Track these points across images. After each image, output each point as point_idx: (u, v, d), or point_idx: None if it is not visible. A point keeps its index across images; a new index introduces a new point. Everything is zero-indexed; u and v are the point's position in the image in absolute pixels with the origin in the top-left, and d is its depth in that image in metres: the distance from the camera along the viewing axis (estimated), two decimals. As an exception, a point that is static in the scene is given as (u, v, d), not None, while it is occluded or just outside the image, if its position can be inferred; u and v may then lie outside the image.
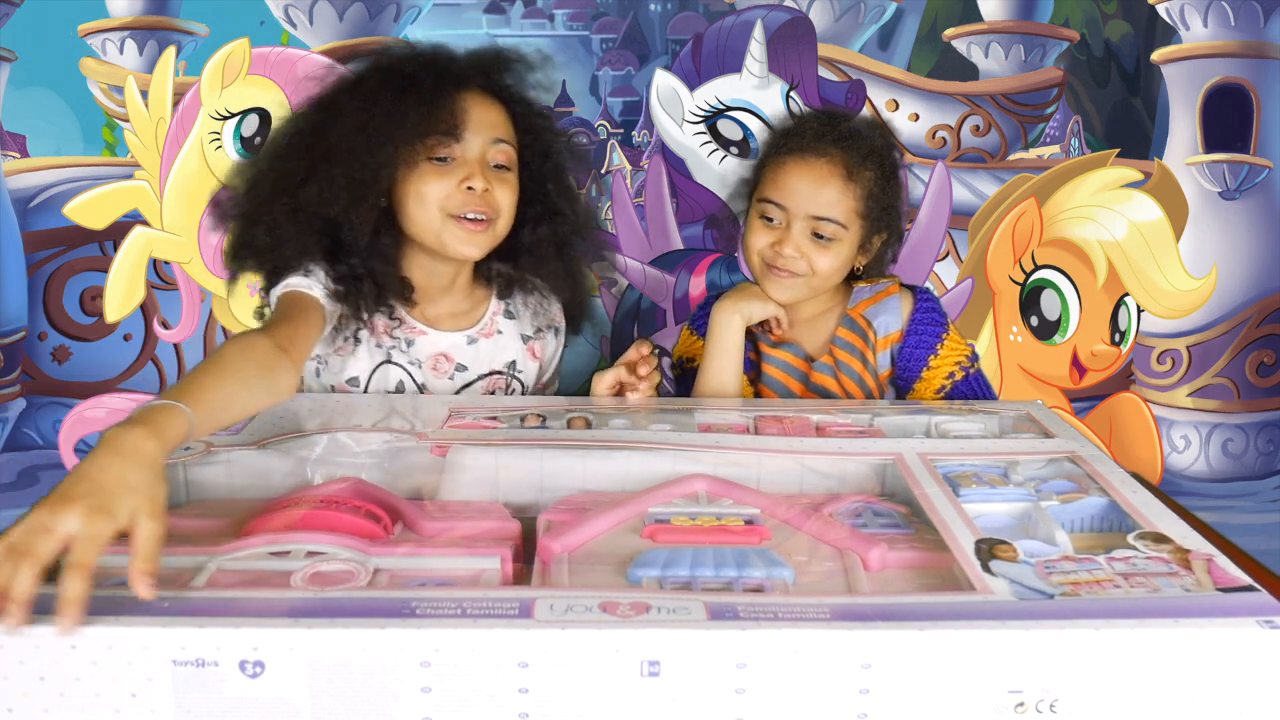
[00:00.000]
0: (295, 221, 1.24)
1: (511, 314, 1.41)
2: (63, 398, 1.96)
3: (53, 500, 0.72)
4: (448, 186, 1.25)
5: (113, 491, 0.74)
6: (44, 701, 0.67)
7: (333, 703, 0.67)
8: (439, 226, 1.26)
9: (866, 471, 1.00)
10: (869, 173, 1.35)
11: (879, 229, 1.40)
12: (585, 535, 0.85)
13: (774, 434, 1.07)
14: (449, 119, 1.24)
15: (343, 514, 0.86)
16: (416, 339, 1.34)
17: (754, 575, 0.78)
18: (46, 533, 0.70)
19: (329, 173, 1.23)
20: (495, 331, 1.40)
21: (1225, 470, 2.09)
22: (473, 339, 1.37)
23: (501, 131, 1.29)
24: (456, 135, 1.25)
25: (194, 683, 0.67)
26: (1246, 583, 0.74)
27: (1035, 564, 0.76)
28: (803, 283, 1.37)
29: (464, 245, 1.27)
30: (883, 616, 0.68)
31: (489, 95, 1.30)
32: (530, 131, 1.33)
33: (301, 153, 1.26)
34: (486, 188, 1.26)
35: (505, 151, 1.29)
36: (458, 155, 1.26)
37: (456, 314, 1.38)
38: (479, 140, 1.27)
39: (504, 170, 1.29)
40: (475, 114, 1.26)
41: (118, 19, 1.86)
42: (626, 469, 0.99)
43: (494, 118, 1.29)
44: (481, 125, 1.27)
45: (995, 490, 0.91)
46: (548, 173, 1.35)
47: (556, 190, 1.36)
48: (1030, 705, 0.67)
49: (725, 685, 0.67)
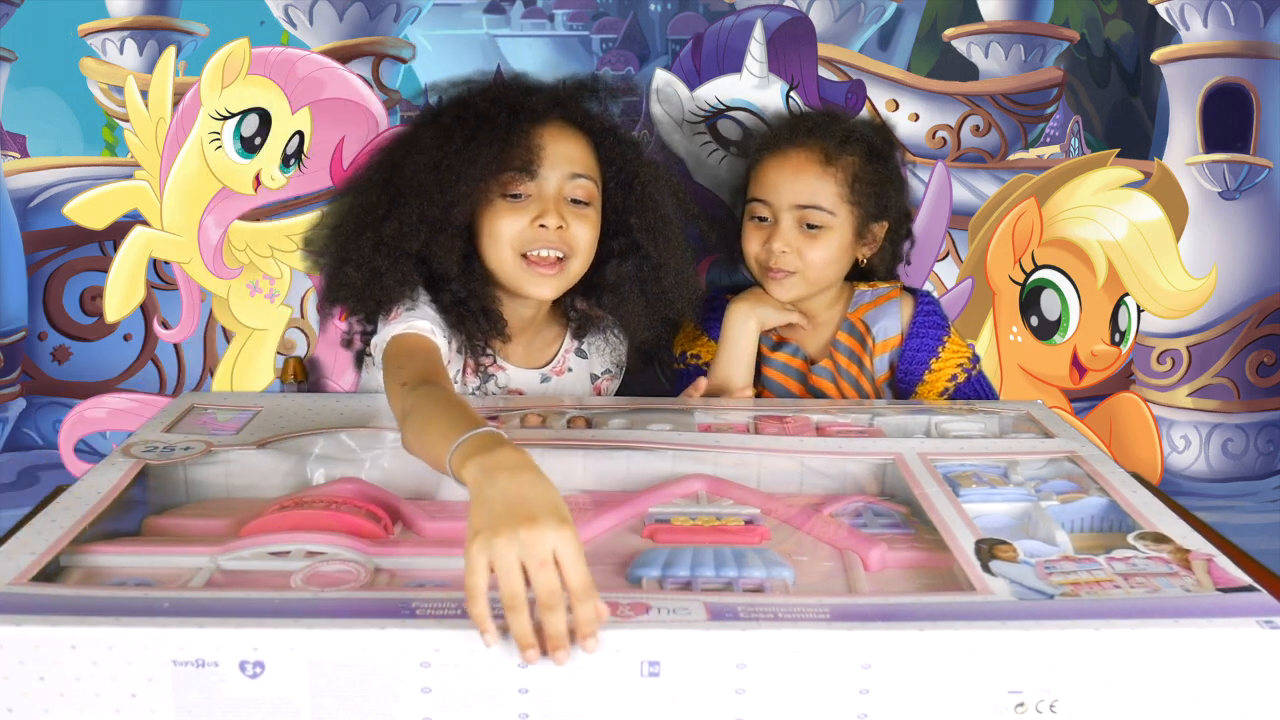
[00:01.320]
0: (384, 256, 1.22)
1: (583, 354, 1.39)
2: (63, 398, 1.96)
3: (502, 532, 0.67)
4: (521, 224, 1.22)
5: (544, 500, 0.70)
6: (44, 701, 0.67)
7: (333, 703, 0.67)
8: (512, 265, 1.23)
9: (866, 471, 1.00)
10: (850, 157, 1.36)
11: (875, 215, 1.40)
12: (585, 535, 0.85)
13: (774, 434, 1.07)
14: (523, 155, 1.20)
15: (343, 514, 0.86)
16: (496, 374, 1.32)
17: (754, 575, 0.78)
18: (520, 565, 0.66)
19: (405, 208, 1.21)
20: (566, 370, 1.37)
21: (1225, 470, 2.09)
22: (546, 378, 1.35)
23: (580, 165, 1.25)
24: (531, 172, 1.21)
25: (194, 683, 0.67)
26: (1246, 583, 0.75)
27: (1035, 564, 0.76)
28: (798, 278, 1.37)
29: (537, 287, 1.24)
30: (882, 617, 0.69)
31: (570, 126, 1.26)
32: (614, 163, 1.30)
33: (380, 187, 1.24)
34: (560, 225, 1.22)
35: (584, 186, 1.25)
36: (533, 192, 1.23)
37: (531, 350, 1.35)
38: (555, 175, 1.23)
39: (583, 206, 1.25)
40: (552, 149, 1.23)
41: (118, 19, 1.86)
42: (627, 469, 0.99)
43: (573, 151, 1.25)
44: (558, 160, 1.23)
45: (995, 490, 0.91)
46: (631, 205, 1.31)
47: (640, 224, 1.31)
48: (1030, 705, 0.67)
49: (725, 685, 0.67)
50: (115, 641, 0.66)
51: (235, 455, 0.99)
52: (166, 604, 0.70)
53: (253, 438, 1.03)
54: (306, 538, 0.82)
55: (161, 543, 0.86)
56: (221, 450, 0.99)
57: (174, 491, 0.99)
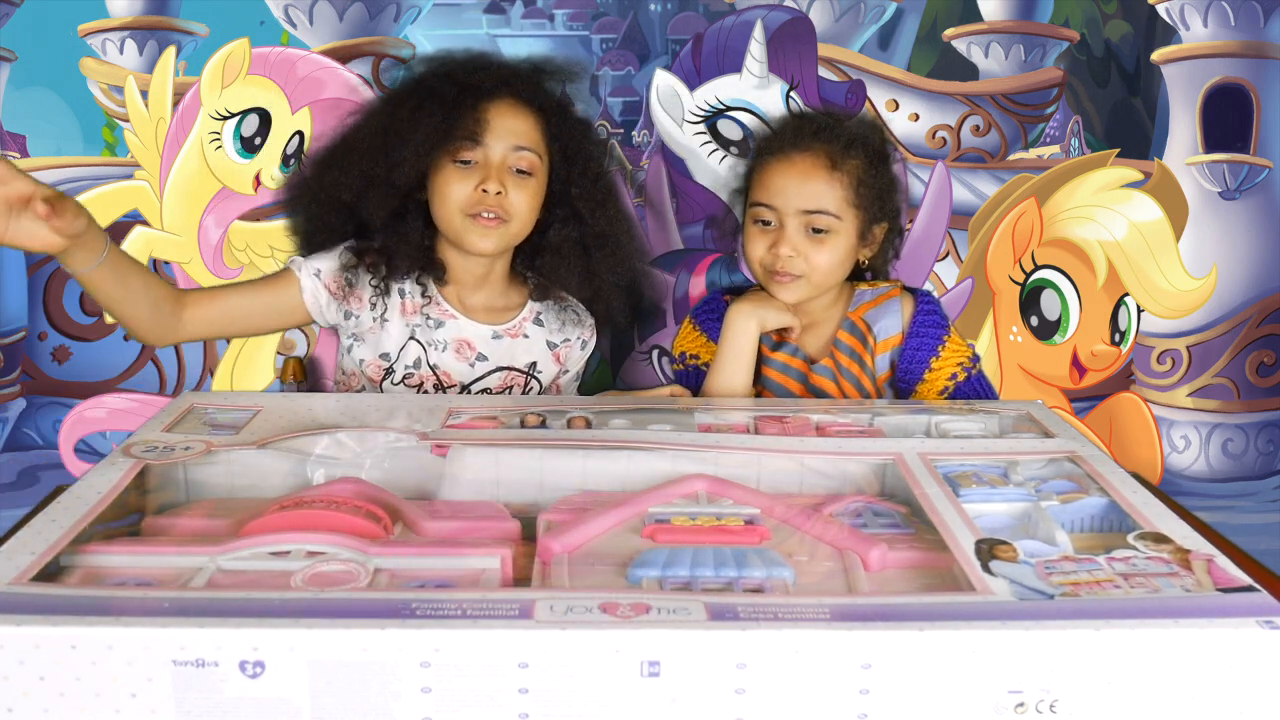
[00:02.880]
0: (320, 204, 1.39)
1: (541, 322, 1.48)
2: (63, 398, 1.96)
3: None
4: (467, 188, 1.34)
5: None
6: (44, 701, 0.67)
7: (333, 703, 0.67)
8: (458, 223, 1.36)
9: (866, 471, 1.00)
10: (855, 161, 1.36)
11: (877, 218, 1.40)
12: (585, 535, 0.85)
13: (774, 434, 1.07)
14: (469, 126, 1.33)
15: (343, 514, 0.86)
16: (446, 322, 1.42)
17: (754, 575, 0.78)
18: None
19: (346, 164, 1.36)
20: (522, 335, 1.47)
21: (1225, 470, 2.09)
22: (498, 334, 1.45)
23: (525, 139, 1.37)
24: (476, 140, 1.34)
25: (194, 683, 0.67)
26: (1246, 583, 0.74)
27: (1035, 564, 0.76)
28: (804, 282, 1.37)
29: (479, 239, 1.36)
30: (883, 617, 0.69)
31: (520, 103, 1.38)
32: (560, 139, 1.42)
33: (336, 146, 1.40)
34: (500, 191, 1.34)
35: (527, 158, 1.37)
36: (480, 159, 1.35)
37: (493, 309, 1.46)
38: (500, 146, 1.35)
39: (525, 176, 1.37)
40: (497, 122, 1.35)
41: (118, 19, 1.86)
42: (627, 469, 0.99)
43: (519, 125, 1.37)
44: (503, 132, 1.35)
45: (995, 490, 0.91)
46: (574, 178, 1.43)
47: (580, 195, 1.43)
48: (1030, 705, 0.67)
49: (725, 685, 0.67)
50: (115, 641, 0.66)
51: (235, 455, 0.99)
52: (167, 604, 0.70)
53: (253, 438, 1.03)
54: (307, 538, 0.82)
55: (161, 543, 0.86)
56: (221, 450, 0.99)
57: (174, 491, 0.99)
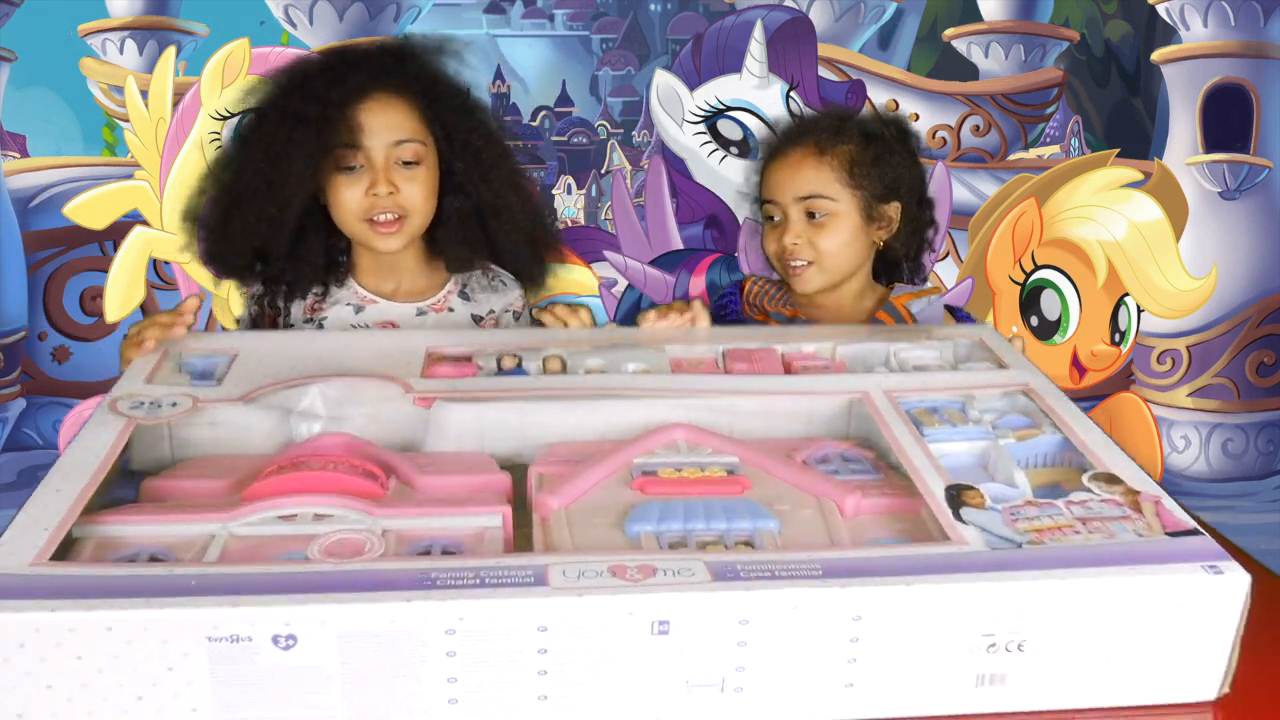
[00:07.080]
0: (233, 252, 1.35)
1: (467, 295, 1.46)
2: (63, 398, 1.96)
3: None
4: (358, 194, 1.31)
5: None
6: (83, 677, 0.71)
7: (362, 668, 0.73)
8: (359, 230, 1.33)
9: (834, 411, 1.07)
10: (845, 144, 1.39)
11: (883, 196, 1.41)
12: (578, 490, 0.92)
13: (743, 373, 1.10)
14: (345, 135, 1.29)
15: (341, 474, 0.90)
16: (367, 307, 1.41)
17: (743, 527, 0.86)
18: None
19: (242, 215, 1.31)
20: (447, 309, 1.44)
21: (1225, 470, 2.10)
22: (422, 311, 1.43)
23: (404, 131, 1.32)
24: (354, 144, 1.30)
25: (229, 656, 0.72)
26: (1191, 526, 0.83)
27: (1002, 510, 0.84)
28: (815, 269, 1.40)
29: (382, 244, 1.34)
30: (870, 572, 0.77)
31: (390, 94, 1.33)
32: (439, 117, 1.37)
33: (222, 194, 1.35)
34: (391, 190, 1.31)
35: (410, 149, 1.33)
36: (363, 162, 1.31)
37: (413, 290, 1.43)
38: (380, 145, 1.31)
39: (413, 166, 1.33)
40: (371, 120, 1.30)
41: (118, 19, 1.86)
42: (607, 419, 1.04)
43: (394, 119, 1.32)
44: (378, 130, 1.31)
45: (956, 429, 0.99)
46: (456, 152, 1.39)
47: (464, 168, 1.39)
48: (1000, 646, 0.77)
49: (728, 639, 0.75)
50: (150, 623, 0.71)
51: (220, 412, 1.01)
52: (194, 581, 0.73)
53: (236, 390, 1.04)
54: (312, 500, 0.86)
55: (168, 509, 0.89)
56: (207, 407, 1.01)
57: (161, 451, 1.00)
